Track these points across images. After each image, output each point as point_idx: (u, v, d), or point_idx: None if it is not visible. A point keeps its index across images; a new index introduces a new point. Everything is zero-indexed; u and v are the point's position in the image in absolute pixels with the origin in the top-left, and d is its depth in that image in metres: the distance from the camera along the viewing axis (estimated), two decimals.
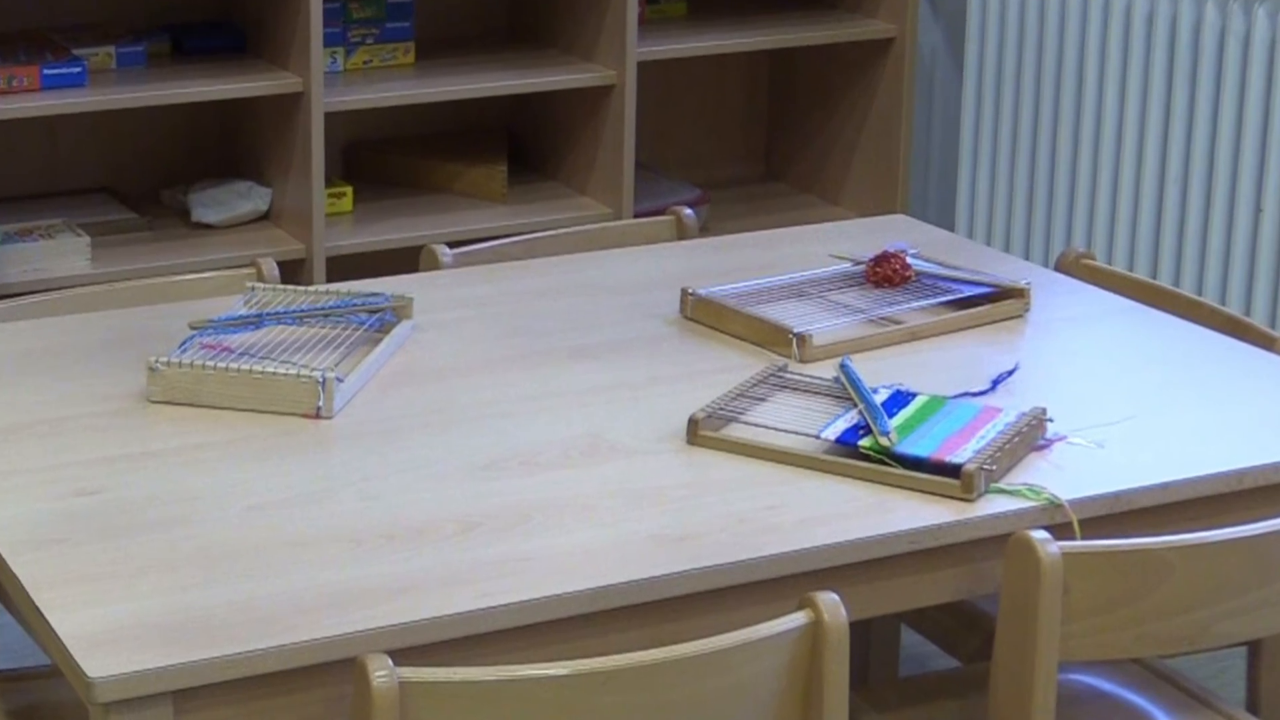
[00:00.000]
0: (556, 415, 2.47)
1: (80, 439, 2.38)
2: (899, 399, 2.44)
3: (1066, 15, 4.38)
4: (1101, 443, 2.42)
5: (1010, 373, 2.62)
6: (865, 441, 2.34)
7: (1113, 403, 2.54)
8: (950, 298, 2.85)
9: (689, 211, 3.25)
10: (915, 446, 2.33)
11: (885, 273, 2.87)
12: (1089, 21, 4.33)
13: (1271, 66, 4.00)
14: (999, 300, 2.84)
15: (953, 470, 2.29)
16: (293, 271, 4.13)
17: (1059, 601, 2.16)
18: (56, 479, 2.28)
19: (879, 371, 2.57)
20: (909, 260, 2.89)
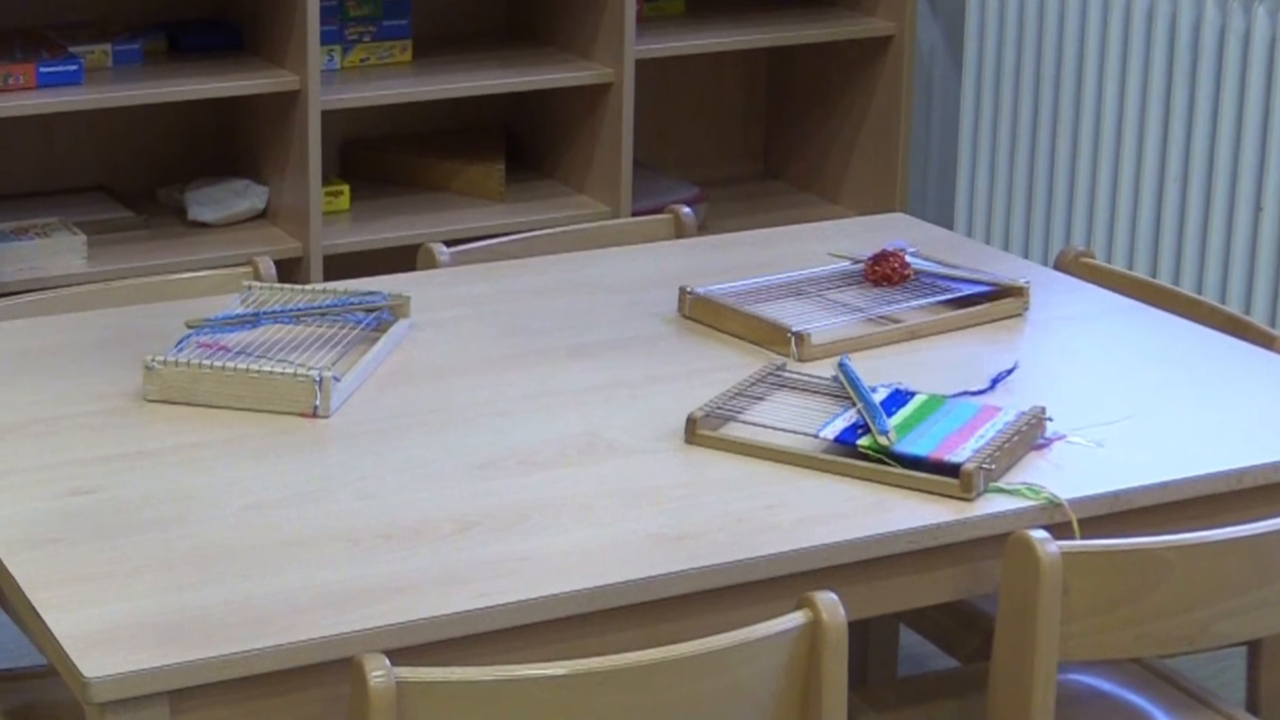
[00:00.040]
0: (554, 414, 2.47)
1: (76, 438, 2.38)
2: (898, 398, 2.44)
3: (1066, 13, 4.38)
4: (1101, 442, 2.41)
5: (1009, 372, 2.61)
6: (864, 441, 2.34)
7: (1112, 402, 2.53)
8: (949, 296, 2.84)
9: (687, 210, 3.24)
10: (914, 446, 2.32)
11: (884, 271, 2.86)
12: (1088, 19, 4.32)
13: (1271, 65, 3.99)
14: (998, 299, 2.83)
15: (952, 469, 2.28)
16: (290, 270, 4.13)
17: (1058, 601, 2.15)
18: (52, 478, 2.27)
19: (878, 370, 2.57)
20: (908, 259, 2.88)
